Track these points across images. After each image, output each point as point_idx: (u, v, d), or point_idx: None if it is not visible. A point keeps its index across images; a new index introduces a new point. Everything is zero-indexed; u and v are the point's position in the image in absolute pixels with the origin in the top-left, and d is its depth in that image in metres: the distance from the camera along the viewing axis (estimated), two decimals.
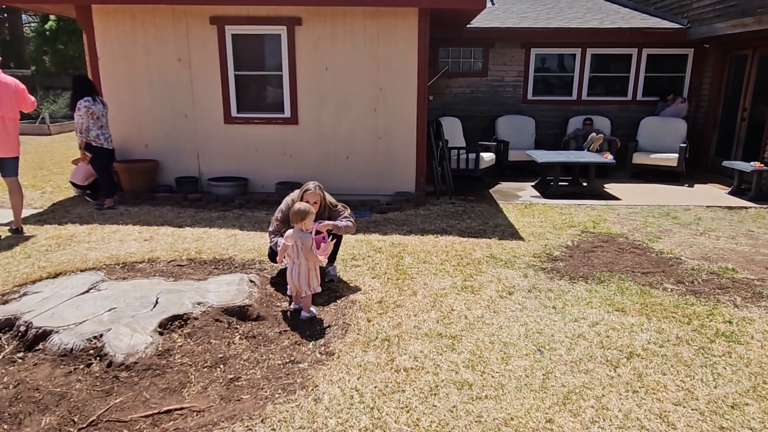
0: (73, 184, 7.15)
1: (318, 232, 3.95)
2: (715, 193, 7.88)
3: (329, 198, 4.22)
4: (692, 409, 2.66)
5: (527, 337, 3.42)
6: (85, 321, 3.13)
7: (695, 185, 8.41)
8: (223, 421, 2.52)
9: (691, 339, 3.40)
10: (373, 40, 6.87)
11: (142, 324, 3.10)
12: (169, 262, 4.60)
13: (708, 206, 7.07)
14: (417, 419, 2.56)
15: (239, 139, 7.28)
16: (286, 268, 3.70)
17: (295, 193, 4.15)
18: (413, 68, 6.93)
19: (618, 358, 3.15)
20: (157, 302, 3.40)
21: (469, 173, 8.13)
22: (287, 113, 7.17)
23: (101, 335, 2.98)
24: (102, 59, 7.11)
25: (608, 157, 7.83)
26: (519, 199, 7.46)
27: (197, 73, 7.09)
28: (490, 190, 8.04)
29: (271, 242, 4.15)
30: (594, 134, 8.60)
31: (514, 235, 5.69)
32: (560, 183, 7.88)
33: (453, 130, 8.76)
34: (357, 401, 2.69)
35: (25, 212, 6.47)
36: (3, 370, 2.85)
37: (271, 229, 4.18)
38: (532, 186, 8.33)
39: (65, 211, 6.56)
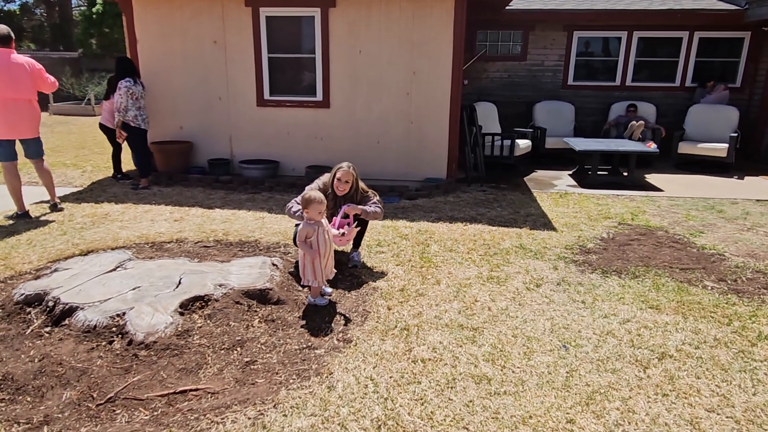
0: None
1: (345, 216, 3.90)
2: (766, 187, 7.43)
3: (361, 183, 4.16)
4: (727, 417, 2.50)
5: (553, 332, 3.28)
6: (109, 299, 3.18)
7: (745, 178, 7.95)
8: (236, 404, 2.52)
9: (730, 341, 3.20)
10: (408, 22, 6.71)
11: (164, 304, 3.13)
12: (196, 243, 4.65)
13: (758, 200, 6.66)
14: (431, 412, 2.49)
15: (271, 122, 7.29)
16: None
17: (326, 176, 4.10)
18: (448, 52, 6.75)
19: (649, 358, 2.99)
20: (180, 282, 3.43)
21: (504, 160, 7.92)
22: (319, 96, 7.12)
23: (124, 313, 3.03)
24: (140, 42, 7.22)
25: (651, 146, 7.48)
26: (554, 188, 7.22)
27: (232, 56, 7.12)
28: (525, 178, 7.82)
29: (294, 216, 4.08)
30: (635, 122, 8.22)
31: (547, 225, 5.51)
32: (599, 172, 7.59)
33: (488, 116, 8.54)
34: (371, 391, 2.64)
35: (65, 190, 6.70)
36: (30, 344, 2.94)
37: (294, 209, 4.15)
38: (569, 175, 8.06)
39: (102, 189, 6.74)
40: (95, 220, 5.37)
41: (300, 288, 3.75)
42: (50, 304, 3.16)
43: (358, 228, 4.06)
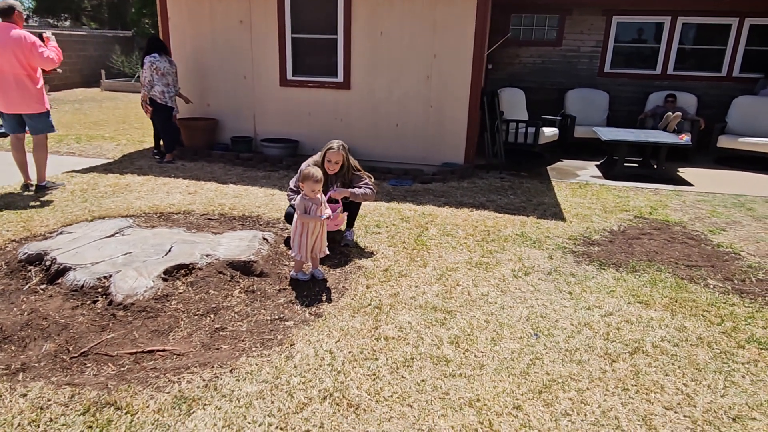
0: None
1: (332, 200, 3.95)
2: None
3: (353, 161, 4.19)
4: (684, 416, 2.41)
5: (528, 320, 3.24)
6: (101, 261, 3.37)
7: None
8: (195, 366, 2.64)
9: (715, 341, 3.06)
10: (431, 4, 6.62)
11: (149, 269, 3.29)
12: (201, 215, 4.83)
13: None
14: (380, 388, 2.53)
15: (293, 101, 7.40)
16: None
17: (318, 155, 4.16)
18: (470, 35, 6.62)
19: (620, 352, 2.91)
20: (170, 250, 3.58)
21: (528, 148, 7.74)
22: (340, 78, 7.16)
23: (110, 276, 3.20)
24: (172, 20, 7.46)
25: (684, 138, 7.11)
26: (576, 178, 7.01)
27: (257, 35, 7.24)
28: (548, 167, 7.62)
29: (289, 199, 4.20)
30: (671, 113, 7.82)
31: (556, 215, 5.37)
32: (628, 164, 7.29)
33: (515, 102, 8.34)
34: (327, 363, 2.70)
35: (96, 161, 7.06)
36: (24, 299, 3.16)
37: (291, 186, 4.25)
38: (596, 165, 7.79)
39: (130, 162, 7.06)
40: (116, 190, 5.65)
41: (286, 263, 3.84)
42: (47, 263, 3.38)
43: (345, 213, 4.11)
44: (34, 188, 5.54)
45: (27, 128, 5.43)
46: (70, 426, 2.22)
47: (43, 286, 3.26)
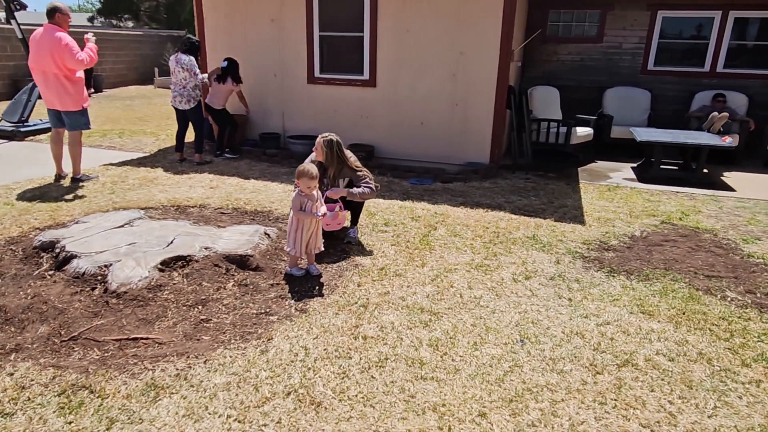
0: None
1: (329, 200, 3.96)
2: None
3: (353, 161, 4.19)
4: None
5: (518, 325, 3.13)
6: (105, 251, 3.53)
7: None
8: (173, 355, 2.72)
9: (717, 357, 2.86)
10: (458, 0, 6.51)
11: (147, 260, 3.41)
12: (215, 209, 4.96)
13: None
14: (347, 387, 2.51)
15: (320, 99, 7.47)
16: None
17: (313, 154, 4.20)
18: (497, 31, 6.46)
19: (607, 364, 2.76)
20: (172, 242, 3.70)
21: (559, 148, 7.49)
22: (366, 75, 7.17)
23: (111, 265, 3.35)
24: (207, 20, 7.70)
25: (726, 140, 6.66)
26: (607, 181, 6.72)
27: (287, 33, 7.36)
28: (580, 168, 7.34)
29: None
30: (716, 113, 7.35)
31: (576, 218, 5.17)
32: (667, 166, 6.92)
33: (549, 101, 8.09)
34: (299, 360, 2.71)
35: (133, 155, 7.38)
36: (32, 283, 3.35)
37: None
38: (632, 167, 7.44)
39: (164, 156, 7.35)
40: (143, 183, 5.90)
41: (284, 258, 3.89)
42: (57, 250, 3.57)
43: (347, 212, 4.13)
44: (66, 179, 5.86)
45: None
46: (44, 406, 2.34)
47: (51, 273, 3.45)
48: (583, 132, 7.63)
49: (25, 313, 3.04)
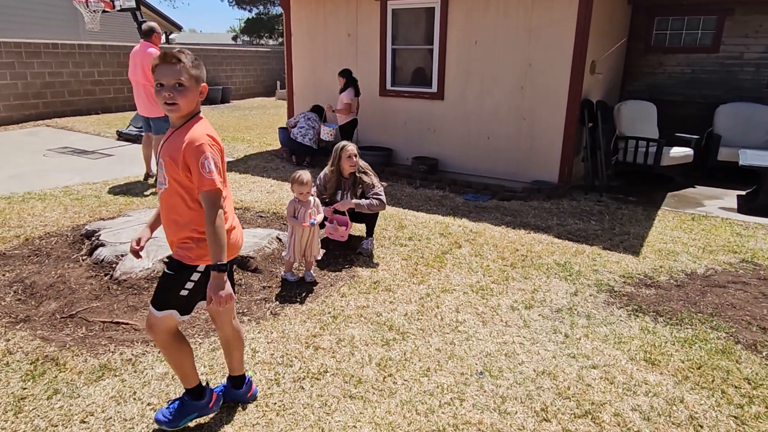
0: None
1: (341, 212, 3.98)
2: None
3: (365, 173, 4.16)
4: None
5: (488, 356, 2.87)
6: (128, 242, 3.91)
7: None
8: (138, 342, 2.93)
9: (712, 425, 2.35)
10: (527, 8, 6.19)
11: (157, 252, 3.72)
12: (256, 213, 5.24)
13: None
14: (271, 394, 2.51)
15: (390, 111, 7.54)
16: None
17: (326, 169, 4.23)
18: (569, 41, 6.01)
19: (564, 411, 2.41)
20: None
21: (647, 169, 6.72)
22: (434, 88, 7.09)
23: (125, 255, 3.70)
24: (294, 35, 8.19)
25: None
26: (697, 208, 5.87)
27: (362, 47, 7.57)
28: (670, 193, 6.51)
29: None
30: None
31: (631, 248, 4.59)
32: None
33: (642, 117, 7.29)
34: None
35: None
36: (66, 266, 3.83)
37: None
38: (738, 195, 6.41)
39: (245, 161, 7.93)
40: None
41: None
42: (93, 239, 4.04)
43: (350, 225, 4.11)
44: (152, 178, 6.59)
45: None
46: (15, 371, 2.66)
47: (84, 258, 3.91)
48: (678, 153, 6.76)
49: (47, 290, 3.48)
